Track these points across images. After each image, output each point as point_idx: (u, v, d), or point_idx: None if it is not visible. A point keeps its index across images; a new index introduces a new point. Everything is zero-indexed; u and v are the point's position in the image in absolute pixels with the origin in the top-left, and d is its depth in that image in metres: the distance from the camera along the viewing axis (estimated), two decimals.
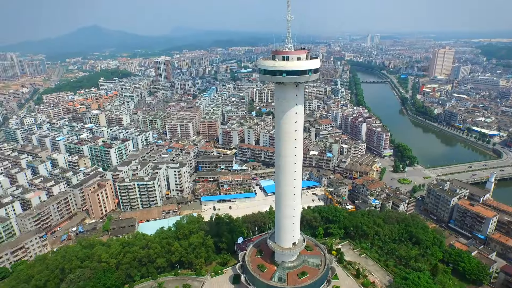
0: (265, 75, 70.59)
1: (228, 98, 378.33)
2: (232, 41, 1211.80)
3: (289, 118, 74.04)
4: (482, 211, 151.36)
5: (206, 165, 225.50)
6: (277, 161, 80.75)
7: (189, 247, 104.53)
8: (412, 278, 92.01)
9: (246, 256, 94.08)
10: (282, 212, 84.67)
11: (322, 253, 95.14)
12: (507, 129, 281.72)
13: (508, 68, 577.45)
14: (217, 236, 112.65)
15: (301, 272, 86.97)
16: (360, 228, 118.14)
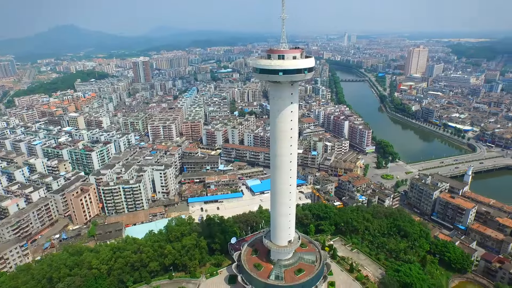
0: (261, 74, 70.67)
1: (210, 99, 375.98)
2: (210, 41, 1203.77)
3: (284, 117, 74.49)
4: (462, 203, 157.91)
5: (191, 166, 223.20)
6: (272, 160, 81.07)
7: (183, 249, 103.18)
8: (404, 270, 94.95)
9: (242, 255, 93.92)
10: (278, 211, 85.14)
11: (317, 249, 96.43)
12: (479, 125, 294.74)
13: (477, 67, 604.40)
14: (209, 237, 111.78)
15: (297, 269, 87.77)
16: (351, 224, 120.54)
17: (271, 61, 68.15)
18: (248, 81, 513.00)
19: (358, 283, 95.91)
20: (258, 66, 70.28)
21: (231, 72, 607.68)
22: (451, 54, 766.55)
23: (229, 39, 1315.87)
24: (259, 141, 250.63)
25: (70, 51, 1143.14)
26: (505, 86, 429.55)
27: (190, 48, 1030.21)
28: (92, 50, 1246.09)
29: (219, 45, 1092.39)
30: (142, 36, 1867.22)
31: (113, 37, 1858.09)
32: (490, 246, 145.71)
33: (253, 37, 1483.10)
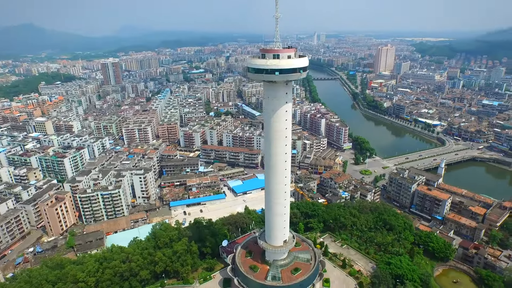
0: (256, 74, 69.79)
1: (185, 100, 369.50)
2: (180, 42, 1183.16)
3: (279, 117, 74.08)
4: (439, 195, 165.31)
5: (171, 169, 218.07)
6: (267, 160, 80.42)
7: (174, 255, 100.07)
8: (394, 262, 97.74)
9: (236, 258, 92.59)
10: (273, 210, 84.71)
11: (310, 247, 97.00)
12: (446, 119, 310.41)
13: (439, 64, 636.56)
14: (199, 241, 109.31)
15: (294, 269, 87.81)
16: (339, 220, 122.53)
17: (267, 61, 67.52)
18: (221, 81, 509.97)
19: (351, 278, 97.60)
20: (253, 66, 69.39)
21: (203, 72, 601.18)
22: (415, 53, 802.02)
23: (199, 39, 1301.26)
24: (238, 141, 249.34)
25: (29, 52, 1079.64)
26: (466, 82, 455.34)
27: (160, 48, 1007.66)
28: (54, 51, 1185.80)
29: (189, 46, 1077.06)
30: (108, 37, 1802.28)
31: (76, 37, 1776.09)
32: (465, 234, 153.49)
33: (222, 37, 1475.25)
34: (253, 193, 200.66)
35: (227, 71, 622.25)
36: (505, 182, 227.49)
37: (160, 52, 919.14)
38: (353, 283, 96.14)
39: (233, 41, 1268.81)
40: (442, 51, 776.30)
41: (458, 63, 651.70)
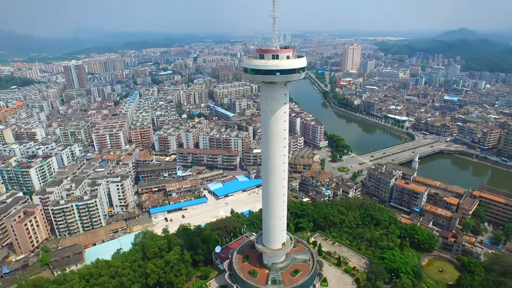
0: (255, 75, 67.96)
1: (155, 103, 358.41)
2: (145, 43, 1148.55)
3: (278, 118, 72.87)
4: (416, 188, 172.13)
5: (148, 175, 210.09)
6: (265, 163, 78.83)
7: (167, 265, 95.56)
8: (388, 257, 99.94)
9: (234, 264, 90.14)
10: (272, 213, 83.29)
11: (307, 248, 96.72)
12: (414, 115, 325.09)
13: (401, 62, 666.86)
14: (191, 248, 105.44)
15: (293, 271, 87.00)
16: (328, 219, 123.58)
17: (267, 61, 65.95)
18: (191, 82, 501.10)
19: (347, 276, 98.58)
20: (252, 67, 67.53)
21: (172, 74, 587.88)
22: (378, 51, 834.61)
23: (164, 40, 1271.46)
24: (215, 144, 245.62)
25: None
26: (427, 79, 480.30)
27: (124, 50, 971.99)
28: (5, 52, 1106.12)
29: (154, 47, 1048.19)
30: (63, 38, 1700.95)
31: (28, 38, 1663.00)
32: (441, 223, 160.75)
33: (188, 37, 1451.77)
34: (234, 195, 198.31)
35: (196, 72, 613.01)
36: (469, 172, 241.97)
37: (125, 54, 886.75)
38: (349, 280, 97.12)
39: (199, 41, 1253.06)
40: (402, 49, 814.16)
41: (418, 61, 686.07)
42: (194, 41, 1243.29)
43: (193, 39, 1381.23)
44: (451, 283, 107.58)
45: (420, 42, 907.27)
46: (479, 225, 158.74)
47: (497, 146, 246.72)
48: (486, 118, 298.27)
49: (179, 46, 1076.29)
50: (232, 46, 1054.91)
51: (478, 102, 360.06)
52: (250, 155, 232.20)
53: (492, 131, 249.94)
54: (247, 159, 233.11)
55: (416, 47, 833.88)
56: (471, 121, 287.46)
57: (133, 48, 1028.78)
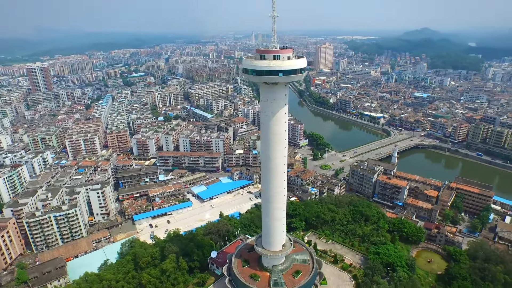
0: (257, 75, 66.66)
1: (130, 105, 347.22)
2: (114, 44, 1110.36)
3: (279, 119, 72.09)
4: (398, 182, 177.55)
5: (128, 180, 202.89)
6: (266, 164, 77.76)
7: (163, 275, 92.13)
8: (382, 251, 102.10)
9: (233, 269, 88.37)
10: (273, 215, 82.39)
11: (304, 248, 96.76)
12: (388, 111, 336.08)
13: (371, 60, 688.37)
14: (185, 255, 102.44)
15: (294, 272, 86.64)
16: (320, 217, 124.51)
17: (270, 62, 64.90)
18: (164, 84, 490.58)
19: (345, 273, 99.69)
20: (254, 68, 66.22)
21: (144, 75, 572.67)
22: (349, 50, 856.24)
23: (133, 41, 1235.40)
24: (196, 146, 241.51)
25: None
26: (398, 77, 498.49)
27: (91, 51, 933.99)
28: None
29: (123, 48, 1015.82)
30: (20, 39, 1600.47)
31: None
32: (423, 215, 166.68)
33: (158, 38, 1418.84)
34: (219, 198, 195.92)
35: (169, 73, 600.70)
36: (442, 165, 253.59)
37: (92, 56, 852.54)
38: (347, 277, 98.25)
39: (170, 42, 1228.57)
40: (371, 48, 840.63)
41: (386, 59, 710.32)
42: (164, 42, 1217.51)
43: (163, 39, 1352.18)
44: (439, 273, 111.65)
45: (387, 41, 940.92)
46: (457, 215, 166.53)
47: (466, 139, 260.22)
48: (454, 113, 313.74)
49: (149, 47, 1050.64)
50: (204, 46, 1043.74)
51: (445, 98, 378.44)
52: (233, 156, 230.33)
53: (461, 125, 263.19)
54: (229, 160, 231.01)
55: (384, 45, 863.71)
56: (441, 116, 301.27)
57: (100, 49, 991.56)
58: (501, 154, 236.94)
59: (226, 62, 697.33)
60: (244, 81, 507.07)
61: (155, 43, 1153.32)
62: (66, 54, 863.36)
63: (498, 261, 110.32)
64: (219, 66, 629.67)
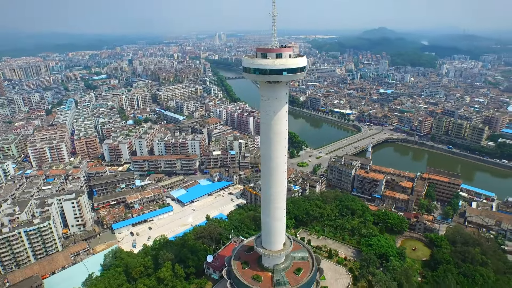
0: (260, 74, 65.82)
1: (96, 109, 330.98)
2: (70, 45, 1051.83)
3: (280, 118, 71.89)
4: (375, 176, 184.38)
5: (103, 188, 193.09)
6: (267, 164, 77.17)
7: (160, 284, 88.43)
8: (375, 243, 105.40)
9: (234, 271, 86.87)
10: (274, 215, 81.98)
11: (301, 245, 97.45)
12: (356, 108, 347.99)
13: (335, 59, 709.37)
14: (180, 262, 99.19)
15: (296, 270, 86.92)
16: (309, 214, 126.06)
17: (274, 60, 64.38)
18: (129, 86, 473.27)
19: (341, 266, 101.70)
20: (257, 67, 65.34)
21: (107, 78, 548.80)
22: (312, 49, 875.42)
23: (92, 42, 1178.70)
24: (172, 149, 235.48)
25: None
26: (362, 74, 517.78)
27: (45, 53, 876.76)
28: None
29: (81, 49, 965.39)
30: None
31: None
32: (400, 206, 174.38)
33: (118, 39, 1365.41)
34: (200, 201, 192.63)
35: (133, 75, 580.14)
36: (410, 157, 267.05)
37: (47, 58, 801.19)
38: (343, 270, 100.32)
39: (131, 43, 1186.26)
40: (334, 47, 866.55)
41: (349, 57, 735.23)
42: (125, 43, 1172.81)
43: (123, 40, 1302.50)
44: (424, 259, 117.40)
45: (348, 40, 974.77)
46: (431, 204, 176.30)
47: (431, 132, 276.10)
48: (418, 108, 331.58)
49: (110, 48, 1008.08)
50: (167, 47, 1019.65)
51: (408, 93, 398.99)
52: (210, 158, 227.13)
53: (425, 119, 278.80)
54: (207, 162, 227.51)
55: (345, 44, 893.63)
56: (406, 111, 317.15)
57: (56, 51, 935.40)
58: (462, 144, 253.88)
59: (192, 63, 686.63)
60: (213, 81, 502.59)
61: (116, 44, 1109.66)
62: (16, 56, 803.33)
63: (475, 244, 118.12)
64: (186, 67, 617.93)
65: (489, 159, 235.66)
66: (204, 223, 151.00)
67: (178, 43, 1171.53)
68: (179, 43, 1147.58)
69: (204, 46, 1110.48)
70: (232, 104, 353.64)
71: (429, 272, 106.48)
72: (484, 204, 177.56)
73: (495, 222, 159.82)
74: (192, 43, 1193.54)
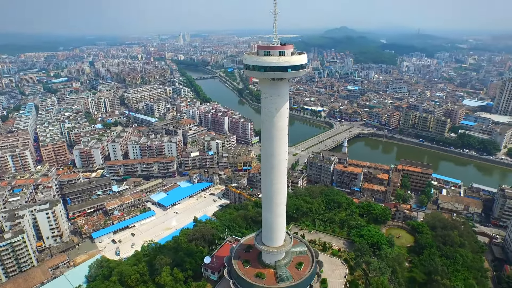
0: (265, 72, 65.92)
1: (60, 114, 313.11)
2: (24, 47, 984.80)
3: (282, 114, 72.60)
4: (354, 170, 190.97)
5: (78, 196, 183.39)
6: (269, 162, 77.24)
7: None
8: (365, 233, 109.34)
9: (237, 271, 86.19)
10: (275, 212, 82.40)
11: (298, 240, 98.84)
12: (327, 105, 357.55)
13: None
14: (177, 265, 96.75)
15: (297, 264, 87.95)
16: (299, 209, 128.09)
17: (279, 58, 64.85)
18: (94, 89, 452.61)
19: (336, 258, 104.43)
20: (261, 64, 65.38)
21: (68, 81, 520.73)
22: None
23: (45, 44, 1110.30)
24: (147, 152, 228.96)
25: None
26: (329, 72, 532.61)
27: None
28: None
29: (35, 51, 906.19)
30: None
31: None
32: (379, 198, 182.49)
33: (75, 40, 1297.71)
34: (182, 203, 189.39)
35: (97, 77, 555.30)
36: (380, 150, 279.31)
37: None
38: (339, 261, 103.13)
39: (91, 44, 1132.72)
40: (299, 46, 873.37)
41: (315, 56, 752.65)
42: (84, 44, 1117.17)
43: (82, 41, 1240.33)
44: (409, 245, 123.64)
45: (312, 39, 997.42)
46: (406, 194, 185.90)
47: (399, 126, 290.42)
48: (385, 103, 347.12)
49: (67, 49, 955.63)
50: (130, 48, 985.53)
51: (374, 90, 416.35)
52: (189, 159, 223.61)
53: (394, 114, 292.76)
54: (185, 164, 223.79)
55: (310, 43, 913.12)
56: (374, 106, 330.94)
57: (4, 52, 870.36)
58: (428, 136, 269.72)
59: (158, 64, 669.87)
60: (182, 82, 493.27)
61: (73, 46, 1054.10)
62: None
63: (452, 227, 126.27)
64: (152, 68, 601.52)
65: (453, 149, 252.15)
66: (190, 225, 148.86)
67: (140, 44, 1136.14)
68: (142, 44, 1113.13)
69: (169, 46, 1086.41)
70: (205, 104, 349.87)
71: (415, 257, 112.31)
72: (453, 191, 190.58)
73: (464, 207, 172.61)
74: (155, 44, 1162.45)
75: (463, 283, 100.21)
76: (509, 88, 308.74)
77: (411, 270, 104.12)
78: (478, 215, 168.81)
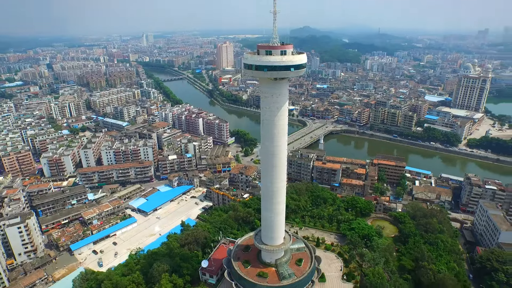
0: (268, 71, 66.01)
1: (20, 120, 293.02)
2: None
3: (283, 113, 72.96)
4: (332, 166, 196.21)
5: (50, 207, 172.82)
6: (269, 161, 77.23)
7: None
8: (356, 226, 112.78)
9: (238, 272, 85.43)
10: (276, 210, 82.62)
11: (295, 237, 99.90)
12: (298, 103, 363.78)
13: None
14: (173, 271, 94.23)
15: (297, 260, 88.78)
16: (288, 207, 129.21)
17: (282, 57, 65.15)
18: (55, 93, 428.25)
19: (330, 252, 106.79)
20: (265, 64, 65.33)
21: (24, 85, 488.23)
22: (244, 48, 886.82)
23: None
24: (122, 157, 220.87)
25: None
26: None
27: None
28: None
29: None
30: None
31: None
32: (358, 192, 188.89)
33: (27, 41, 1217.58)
34: (163, 208, 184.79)
35: (57, 81, 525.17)
36: (353, 146, 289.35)
37: None
38: (333, 255, 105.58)
39: (46, 46, 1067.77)
40: None
41: None
42: (38, 45, 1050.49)
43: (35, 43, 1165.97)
44: (393, 235, 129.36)
45: None
46: (383, 187, 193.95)
47: (369, 122, 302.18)
48: (354, 100, 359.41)
49: (19, 51, 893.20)
50: (90, 50, 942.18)
51: (342, 87, 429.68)
52: (166, 163, 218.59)
53: (364, 110, 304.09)
54: (163, 167, 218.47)
55: None
56: (344, 103, 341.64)
57: None
58: (397, 131, 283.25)
59: (123, 66, 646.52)
60: (150, 84, 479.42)
61: (26, 47, 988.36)
62: None
63: (431, 216, 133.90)
64: (116, 70, 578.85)
65: (420, 142, 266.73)
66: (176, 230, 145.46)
67: (101, 45, 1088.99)
68: (103, 46, 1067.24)
69: (132, 48, 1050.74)
70: (177, 106, 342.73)
71: (401, 246, 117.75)
72: (425, 181, 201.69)
73: (436, 196, 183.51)
74: (117, 45, 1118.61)
75: (446, 266, 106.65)
76: (465, 84, 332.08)
77: (399, 259, 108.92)
78: (449, 203, 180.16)
